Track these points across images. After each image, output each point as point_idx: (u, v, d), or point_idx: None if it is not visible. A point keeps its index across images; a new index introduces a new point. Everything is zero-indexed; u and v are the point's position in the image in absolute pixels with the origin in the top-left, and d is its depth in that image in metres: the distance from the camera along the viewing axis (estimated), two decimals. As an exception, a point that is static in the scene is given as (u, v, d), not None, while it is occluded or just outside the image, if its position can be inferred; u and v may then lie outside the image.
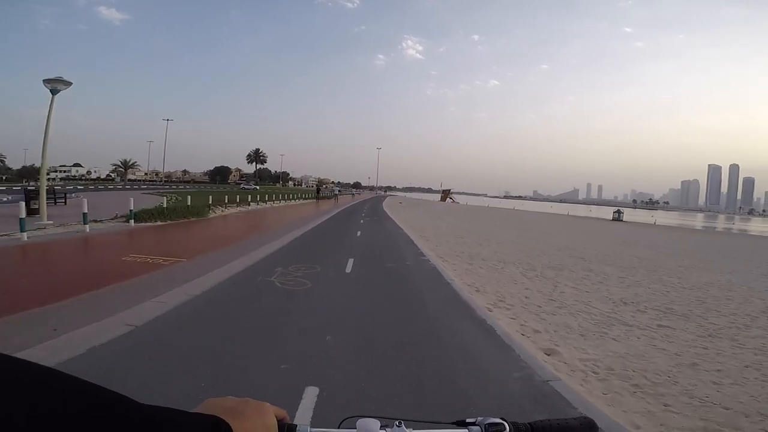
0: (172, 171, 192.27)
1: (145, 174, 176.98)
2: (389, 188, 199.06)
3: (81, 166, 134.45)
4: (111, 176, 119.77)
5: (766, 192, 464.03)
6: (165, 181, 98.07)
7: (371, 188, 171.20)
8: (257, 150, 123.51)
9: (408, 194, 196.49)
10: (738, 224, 78.32)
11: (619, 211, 49.36)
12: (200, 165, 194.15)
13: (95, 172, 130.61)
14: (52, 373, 0.31)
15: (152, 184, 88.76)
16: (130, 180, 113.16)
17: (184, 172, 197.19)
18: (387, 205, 48.81)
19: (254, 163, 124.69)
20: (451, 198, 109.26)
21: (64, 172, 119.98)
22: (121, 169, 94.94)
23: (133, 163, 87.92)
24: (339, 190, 60.19)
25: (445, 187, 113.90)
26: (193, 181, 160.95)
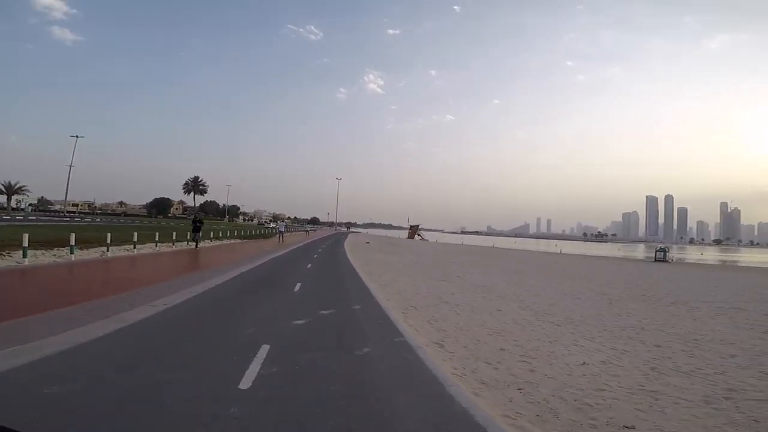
0: (109, 202, 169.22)
1: (74, 205, 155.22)
2: (350, 224, 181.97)
3: (2, 193, 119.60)
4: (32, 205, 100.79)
5: (697, 221, 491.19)
6: (67, 212, 77.00)
7: (330, 224, 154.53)
8: (196, 178, 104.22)
9: (369, 230, 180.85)
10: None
11: (663, 250, 36.44)
12: (142, 197, 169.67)
13: (18, 201, 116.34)
14: None
15: (54, 215, 68.25)
16: (48, 211, 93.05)
17: (121, 203, 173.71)
18: (351, 248, 32.90)
19: (192, 194, 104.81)
20: (419, 235, 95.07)
21: None
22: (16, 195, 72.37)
23: (19, 188, 66.46)
24: (285, 226, 43.49)
25: (411, 223, 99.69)
26: (124, 214, 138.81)
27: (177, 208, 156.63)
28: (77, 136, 69.64)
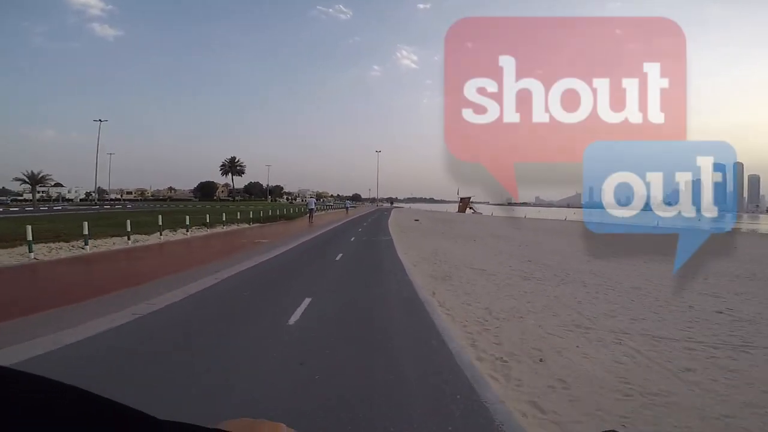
0: (161, 189, 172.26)
1: (127, 193, 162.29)
2: (393, 199, 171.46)
3: (62, 186, 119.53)
4: (90, 195, 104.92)
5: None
6: (103, 199, 73.71)
7: (372, 200, 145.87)
8: (233, 159, 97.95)
9: (412, 205, 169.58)
10: None
11: None
12: (191, 182, 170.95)
13: (75, 191, 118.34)
14: (55, 386, 0.28)
15: (91, 204, 65.02)
16: (105, 200, 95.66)
17: (170, 189, 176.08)
18: (399, 231, 22.52)
19: (230, 175, 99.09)
20: (471, 208, 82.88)
21: (39, 192, 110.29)
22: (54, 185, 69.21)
23: (42, 177, 62.29)
24: (316, 202, 34.10)
25: (462, 195, 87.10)
26: (170, 199, 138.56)
27: (222, 191, 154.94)
28: (100, 120, 65.14)
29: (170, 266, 9.22)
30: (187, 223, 17.37)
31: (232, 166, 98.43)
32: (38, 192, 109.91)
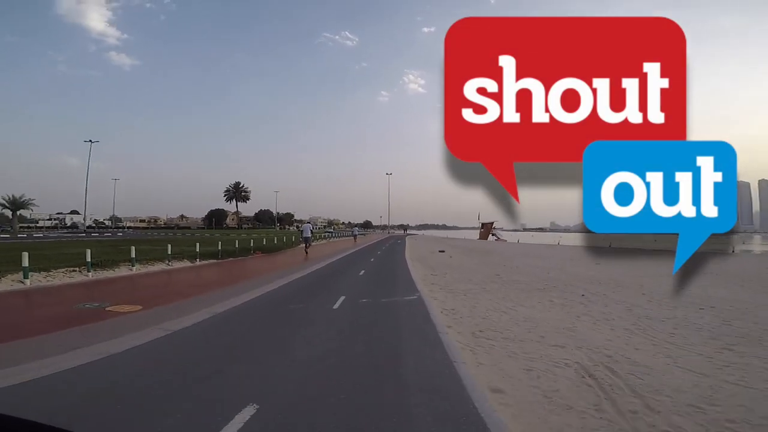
0: (173, 217, 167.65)
1: (141, 221, 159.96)
2: (406, 227, 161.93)
3: (77, 213, 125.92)
4: (105, 223, 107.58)
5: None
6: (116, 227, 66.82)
7: (383, 227, 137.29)
8: (237, 184, 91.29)
9: (424, 232, 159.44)
10: None
11: None
12: (204, 210, 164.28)
13: (90, 219, 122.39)
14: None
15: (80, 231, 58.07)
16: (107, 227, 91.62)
17: (181, 217, 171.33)
18: (427, 274, 13.49)
19: (234, 201, 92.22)
20: (494, 234, 73.10)
21: (54, 220, 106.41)
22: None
23: (24, 201, 54.75)
24: (311, 229, 25.36)
25: (483, 220, 77.16)
26: (177, 227, 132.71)
27: (232, 219, 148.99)
28: (91, 141, 59.46)
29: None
30: (25, 264, 8.70)
31: (237, 192, 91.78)
32: (53, 219, 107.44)
